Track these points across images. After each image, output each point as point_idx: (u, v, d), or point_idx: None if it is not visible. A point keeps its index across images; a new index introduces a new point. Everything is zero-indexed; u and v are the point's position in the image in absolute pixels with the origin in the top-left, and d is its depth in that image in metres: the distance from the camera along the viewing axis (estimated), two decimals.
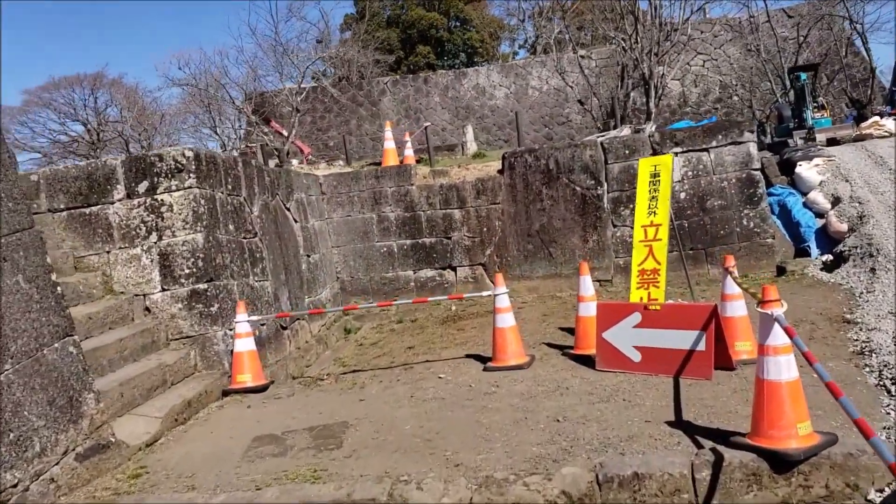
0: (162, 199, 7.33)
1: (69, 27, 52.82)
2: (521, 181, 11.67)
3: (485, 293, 6.96)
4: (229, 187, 8.20)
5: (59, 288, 4.95)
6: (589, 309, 6.83)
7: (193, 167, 7.35)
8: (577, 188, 11.39)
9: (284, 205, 10.26)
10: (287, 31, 47.83)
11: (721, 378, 5.47)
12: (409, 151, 14.53)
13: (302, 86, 26.20)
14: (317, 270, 11.25)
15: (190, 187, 7.33)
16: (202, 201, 7.43)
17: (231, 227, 8.07)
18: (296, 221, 10.67)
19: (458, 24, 40.87)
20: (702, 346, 5.48)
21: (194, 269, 7.30)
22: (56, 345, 4.77)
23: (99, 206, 7.37)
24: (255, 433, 5.57)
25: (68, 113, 40.68)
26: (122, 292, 7.34)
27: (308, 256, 10.93)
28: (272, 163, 20.70)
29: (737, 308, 5.93)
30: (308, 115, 32.59)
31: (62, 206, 7.38)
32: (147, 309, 7.33)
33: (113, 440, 5.06)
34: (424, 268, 12.18)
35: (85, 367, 5.00)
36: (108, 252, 7.38)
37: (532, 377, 6.27)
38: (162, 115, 36.87)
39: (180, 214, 7.31)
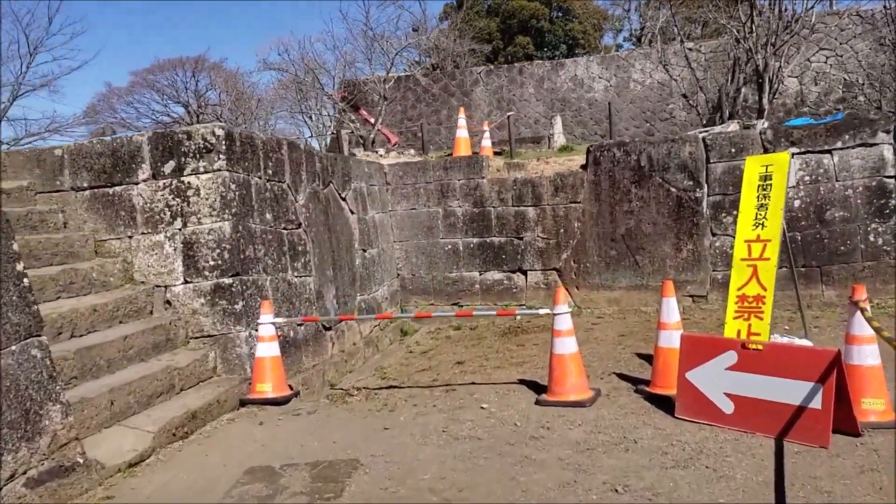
0: (189, 182, 6.62)
1: (175, 9, 54.49)
2: (606, 178, 10.44)
3: (541, 310, 5.89)
4: (269, 172, 7.42)
5: (25, 280, 4.23)
6: (671, 339, 5.65)
7: (224, 147, 6.59)
8: (672, 189, 10.07)
9: (339, 194, 9.46)
10: (379, 17, 47.50)
11: (841, 446, 4.21)
12: (486, 142, 13.49)
13: (391, 74, 25.59)
14: (373, 266, 10.41)
15: (219, 170, 6.58)
16: (232, 186, 6.67)
17: (268, 216, 7.29)
18: (352, 213, 9.85)
19: (559, 14, 39.42)
20: (817, 403, 4.23)
21: (219, 262, 6.55)
22: (13, 347, 4.04)
23: (123, 187, 6.73)
24: (253, 462, 4.72)
25: (171, 95, 41.84)
26: (142, 282, 6.69)
27: (364, 251, 10.10)
28: (356, 151, 20.15)
29: (866, 355, 4.61)
30: (399, 104, 32.05)
31: (85, 185, 6.78)
32: (168, 302, 6.65)
33: (81, 461, 4.31)
34: (492, 269, 11.14)
35: (52, 374, 4.27)
36: (129, 237, 6.74)
37: (593, 420, 5.17)
38: (258, 99, 37.28)
39: (207, 199, 6.58)
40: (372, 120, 24.15)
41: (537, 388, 6.11)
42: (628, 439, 4.72)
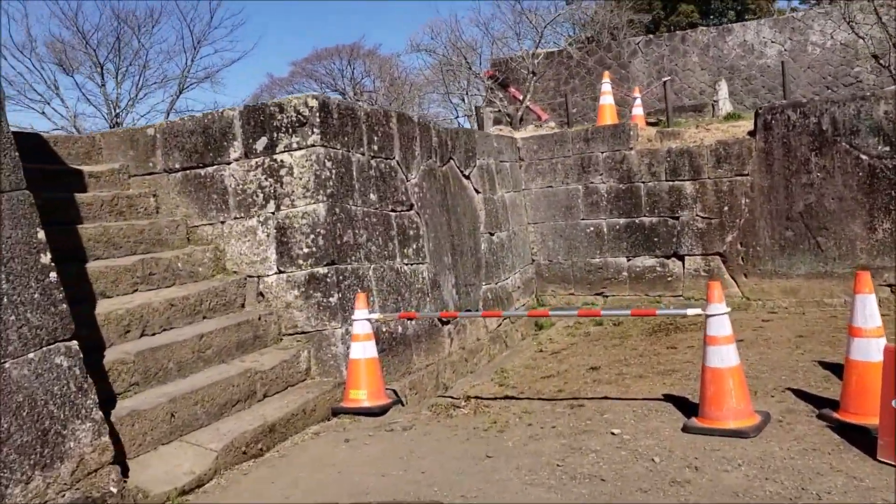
0: (281, 160, 5.92)
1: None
2: (779, 146, 8.72)
3: (689, 311, 4.60)
4: (374, 148, 6.59)
5: (52, 275, 3.62)
6: (869, 350, 4.21)
7: (318, 120, 5.81)
8: (863, 157, 8.20)
9: (462, 172, 8.50)
10: None
11: None
12: (637, 111, 11.98)
13: (541, 50, 24.27)
14: (502, 252, 9.38)
15: (313, 145, 5.81)
16: (327, 163, 5.89)
17: (372, 196, 6.47)
18: (477, 192, 8.87)
19: None
20: None
21: (313, 249, 5.81)
22: (31, 355, 3.43)
23: (214, 167, 6.15)
24: (319, 496, 3.90)
25: (328, 83, 43.06)
26: (234, 272, 6.10)
27: (491, 235, 9.10)
28: (495, 129, 19.17)
29: None
30: (550, 79, 30.69)
31: (177, 166, 6.28)
32: (260, 294, 6.02)
33: (114, 490, 3.67)
34: (642, 254, 9.74)
35: (82, 386, 3.64)
36: (222, 223, 6.16)
37: (758, 458, 3.87)
38: (410, 84, 37.32)
39: (301, 179, 5.85)
40: (520, 97, 23.04)
41: (686, 407, 4.85)
42: (809, 492, 3.42)
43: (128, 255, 5.56)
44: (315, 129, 5.83)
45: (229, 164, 6.10)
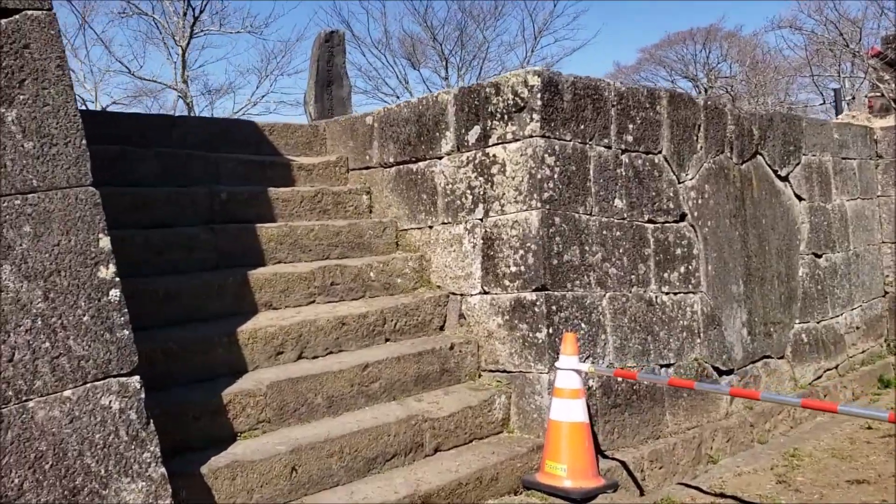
0: (493, 155, 4.78)
1: None
2: None
3: None
4: (627, 139, 5.08)
5: (113, 293, 2.99)
6: None
7: (539, 103, 4.54)
8: None
9: (775, 171, 6.44)
10: None
11: None
12: None
13: None
14: (833, 279, 7.01)
15: (530, 136, 4.57)
16: (547, 159, 4.59)
17: (618, 202, 4.99)
18: (799, 199, 6.69)
19: None
20: None
21: (521, 267, 4.59)
22: (68, 392, 2.84)
23: (426, 163, 5.25)
24: None
25: (679, 69, 40.47)
26: (438, 286, 5.15)
27: (817, 256, 6.82)
28: (843, 116, 15.48)
29: None
30: None
31: (391, 160, 5.51)
32: (462, 316, 4.97)
33: None
34: None
35: (137, 434, 2.97)
36: (430, 227, 5.24)
37: None
38: (775, 67, 33.12)
39: (512, 179, 4.65)
40: None
41: None
42: None
43: (316, 260, 4.93)
44: (534, 115, 4.56)
45: (440, 158, 5.13)
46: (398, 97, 20.89)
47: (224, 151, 5.32)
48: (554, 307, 4.55)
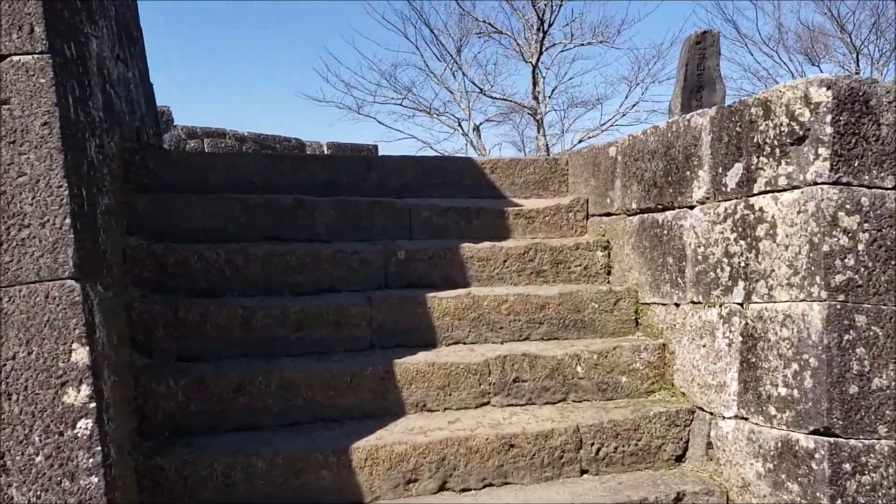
0: (760, 209, 3.21)
1: None
2: None
3: None
4: None
5: (83, 425, 2.35)
6: None
7: (829, 131, 2.88)
8: None
9: None
10: None
11: None
12: None
13: None
14: None
15: (814, 182, 2.93)
16: (843, 219, 2.91)
17: None
18: None
19: None
20: None
21: (794, 392, 2.98)
22: None
23: (673, 213, 3.82)
24: None
25: None
26: (683, 392, 3.70)
27: None
28: None
29: None
30: None
31: (634, 206, 4.16)
32: (710, 444, 3.47)
33: None
34: None
35: None
36: (676, 305, 3.80)
37: None
38: None
39: (786, 249, 3.05)
40: None
41: None
42: None
43: (510, 342, 3.86)
44: (821, 150, 2.89)
45: (691, 208, 3.66)
46: None
47: (428, 196, 4.53)
48: (847, 466, 2.83)
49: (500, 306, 3.87)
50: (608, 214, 4.42)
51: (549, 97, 20.15)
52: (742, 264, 3.30)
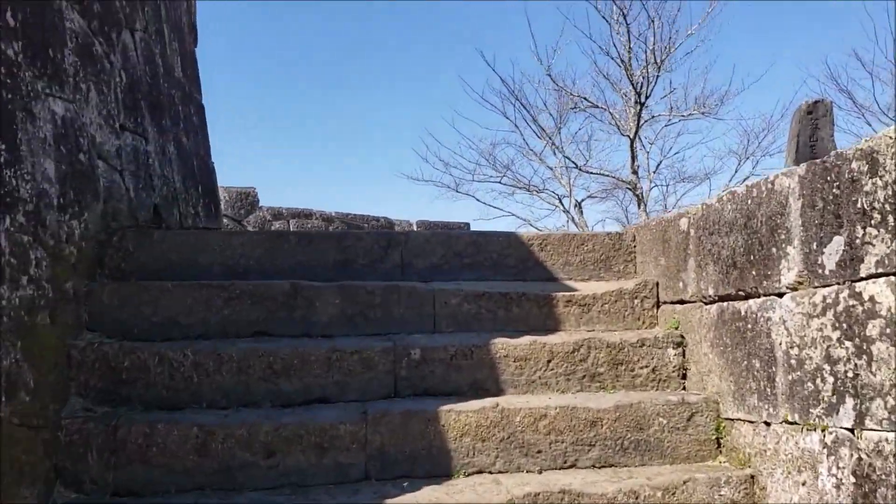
0: (871, 298, 2.34)
1: None
2: None
3: None
4: None
5: None
6: None
7: None
8: None
9: None
10: None
11: None
12: None
13: None
14: None
15: None
16: None
17: None
18: None
19: None
20: None
21: None
22: None
23: (758, 301, 2.96)
24: None
25: None
26: None
27: None
28: None
29: None
30: None
31: (710, 292, 3.31)
32: None
33: None
34: None
35: None
36: (766, 425, 2.90)
37: None
38: None
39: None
40: None
41: None
42: None
43: (549, 471, 3.06)
44: None
45: (780, 294, 2.80)
46: None
47: (461, 279, 3.85)
48: None
49: (537, 423, 3.09)
50: (681, 302, 3.58)
51: (654, 172, 19.24)
52: (849, 374, 2.41)
